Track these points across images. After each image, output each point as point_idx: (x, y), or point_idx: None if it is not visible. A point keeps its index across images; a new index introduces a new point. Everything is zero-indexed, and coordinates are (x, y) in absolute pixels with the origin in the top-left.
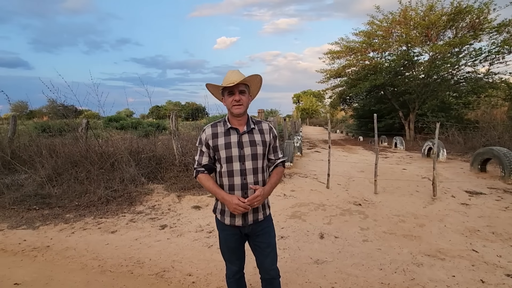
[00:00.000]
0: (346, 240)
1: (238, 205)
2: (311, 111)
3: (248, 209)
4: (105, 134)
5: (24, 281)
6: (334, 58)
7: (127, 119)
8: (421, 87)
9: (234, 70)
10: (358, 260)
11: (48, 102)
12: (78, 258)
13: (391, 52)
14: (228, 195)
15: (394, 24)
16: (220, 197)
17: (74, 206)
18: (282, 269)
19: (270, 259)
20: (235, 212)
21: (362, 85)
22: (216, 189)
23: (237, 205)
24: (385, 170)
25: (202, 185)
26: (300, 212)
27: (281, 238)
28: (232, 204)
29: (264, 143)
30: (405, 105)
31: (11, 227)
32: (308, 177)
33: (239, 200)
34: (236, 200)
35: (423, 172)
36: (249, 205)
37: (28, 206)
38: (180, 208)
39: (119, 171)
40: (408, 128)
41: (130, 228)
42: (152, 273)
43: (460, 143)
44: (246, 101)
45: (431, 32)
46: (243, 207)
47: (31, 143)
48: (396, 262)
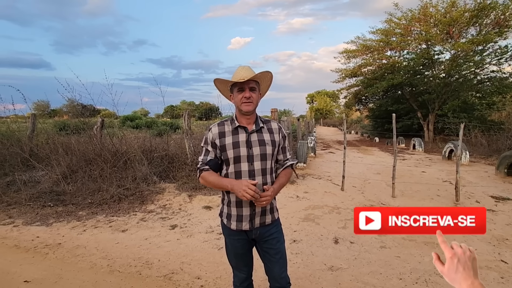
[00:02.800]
0: (362, 246)
1: (248, 187)
2: (325, 112)
3: (258, 197)
4: (119, 132)
5: (34, 278)
6: (350, 57)
7: (142, 118)
8: (442, 86)
9: (244, 66)
10: (376, 268)
11: (67, 101)
12: (88, 257)
13: (409, 51)
14: (236, 180)
15: (413, 22)
16: (229, 185)
17: (87, 203)
18: (294, 275)
19: (279, 266)
20: (244, 196)
21: (379, 84)
22: (222, 179)
23: (246, 186)
24: (403, 172)
25: (206, 183)
26: (314, 215)
27: (293, 241)
28: (241, 186)
29: (274, 143)
30: (424, 105)
31: (26, 223)
32: (322, 179)
33: (248, 182)
34: (246, 182)
35: (444, 176)
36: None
37: (43, 202)
38: (191, 208)
39: (131, 169)
40: (427, 129)
41: (140, 227)
42: (161, 275)
43: (484, 145)
44: (256, 99)
45: (453, 30)
46: (254, 190)
47: (48, 141)
48: (417, 272)
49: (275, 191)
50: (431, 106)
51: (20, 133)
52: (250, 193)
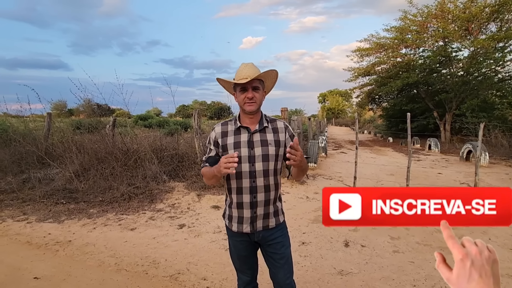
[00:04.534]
0: (374, 249)
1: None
2: (337, 111)
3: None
4: (130, 131)
5: (44, 275)
6: (363, 55)
7: (155, 118)
8: (460, 85)
9: (248, 64)
10: (388, 273)
11: (83, 101)
12: (96, 255)
13: (426, 48)
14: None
15: (430, 18)
16: (214, 169)
17: (98, 201)
18: (303, 278)
19: (283, 272)
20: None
21: (393, 83)
22: (211, 168)
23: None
24: (418, 173)
25: (205, 179)
26: None
27: (302, 244)
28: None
29: (277, 143)
30: (440, 105)
31: (39, 220)
32: (333, 179)
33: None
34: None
35: (462, 177)
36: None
37: (56, 200)
38: (200, 207)
39: (141, 168)
40: (444, 129)
41: (149, 226)
42: (167, 275)
43: (505, 146)
44: (259, 98)
45: (472, 26)
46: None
47: (63, 139)
48: (433, 279)
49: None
50: (448, 105)
51: (37, 132)
52: (228, 165)
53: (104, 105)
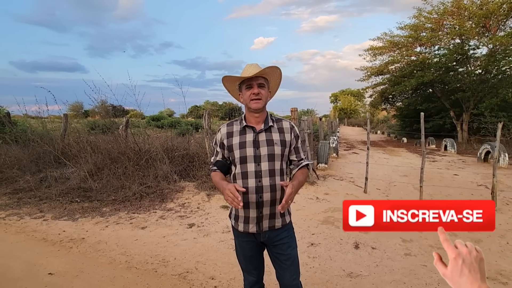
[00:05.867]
0: (385, 252)
1: (230, 191)
2: (349, 111)
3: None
4: (143, 132)
5: (58, 271)
6: (376, 54)
7: (167, 118)
8: (478, 83)
9: (252, 64)
10: (399, 276)
11: (99, 102)
12: (108, 252)
13: (441, 46)
14: (226, 183)
15: (445, 15)
16: (221, 188)
17: (111, 200)
18: (311, 280)
19: (290, 273)
20: (227, 201)
21: (408, 82)
22: (219, 181)
23: (229, 190)
24: (433, 175)
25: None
26: (334, 218)
27: (311, 245)
28: (225, 189)
29: (283, 143)
30: (457, 104)
31: (55, 217)
32: (344, 180)
33: (234, 188)
34: (230, 186)
35: (479, 179)
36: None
37: (71, 198)
38: (209, 207)
39: (153, 168)
40: (461, 129)
41: (159, 225)
42: (176, 273)
43: None
44: (265, 95)
45: (490, 23)
46: (233, 194)
47: (78, 140)
48: (446, 283)
49: (296, 188)
50: (465, 104)
51: (54, 133)
52: (228, 199)
53: (119, 106)
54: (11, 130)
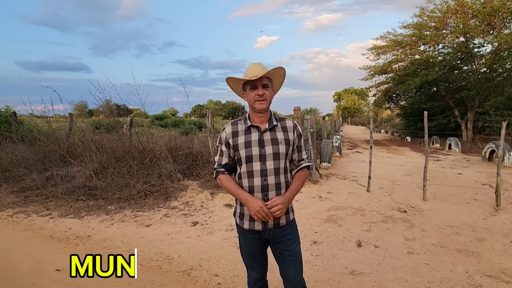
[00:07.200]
0: (387, 250)
1: (262, 209)
2: (353, 110)
3: (269, 219)
4: (147, 131)
5: (65, 268)
6: (379, 53)
7: (170, 118)
8: (483, 82)
9: (256, 63)
10: (401, 274)
11: (103, 102)
12: (114, 250)
13: (445, 45)
14: (252, 197)
15: (449, 14)
16: (243, 198)
17: (115, 198)
18: (313, 277)
19: (293, 269)
20: (256, 217)
21: (411, 81)
22: (238, 190)
23: (260, 208)
24: (437, 174)
25: (223, 187)
26: (336, 217)
27: (313, 243)
28: (255, 206)
29: (287, 142)
30: (462, 103)
31: (61, 215)
32: (347, 179)
33: (263, 204)
34: (260, 203)
35: (483, 178)
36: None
37: (77, 196)
38: (213, 205)
39: (157, 166)
40: (466, 128)
41: (163, 223)
42: (180, 270)
43: None
44: (269, 96)
45: (495, 20)
46: (266, 213)
47: (83, 139)
48: (448, 281)
49: (287, 199)
50: (470, 103)
51: (59, 132)
52: (260, 217)
53: (123, 105)
54: (18, 130)
